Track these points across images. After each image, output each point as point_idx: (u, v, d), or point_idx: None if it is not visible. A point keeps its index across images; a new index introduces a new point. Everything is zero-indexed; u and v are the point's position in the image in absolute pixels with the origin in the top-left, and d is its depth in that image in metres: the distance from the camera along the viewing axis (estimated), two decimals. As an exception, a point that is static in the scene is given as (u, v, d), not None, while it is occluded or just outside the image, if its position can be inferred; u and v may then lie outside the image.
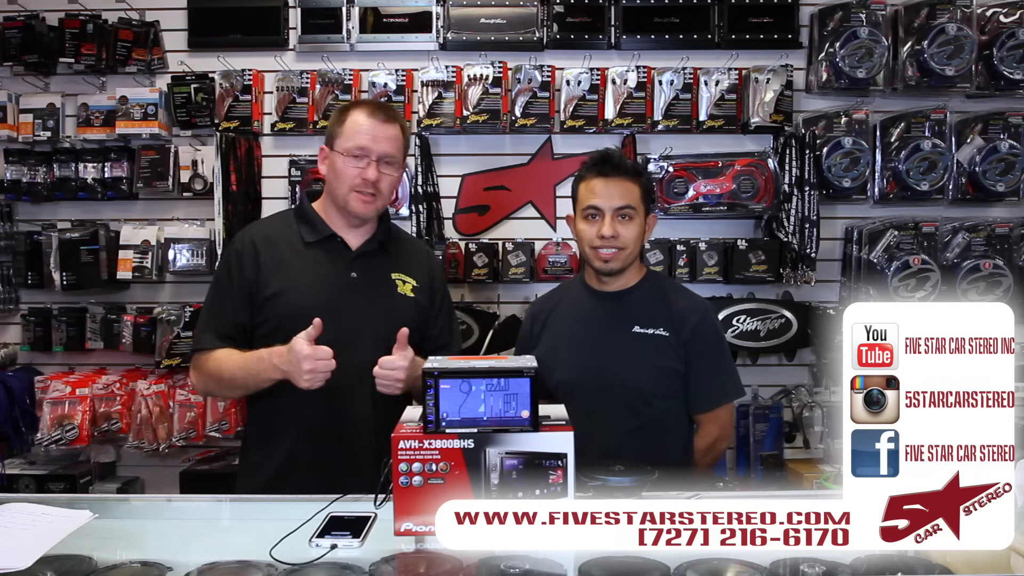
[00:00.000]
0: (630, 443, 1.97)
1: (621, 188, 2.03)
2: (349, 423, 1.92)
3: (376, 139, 1.94)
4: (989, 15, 3.13)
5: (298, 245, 2.00)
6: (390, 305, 1.99)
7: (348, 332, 1.90)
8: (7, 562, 1.27)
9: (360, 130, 1.94)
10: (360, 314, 1.95)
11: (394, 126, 1.97)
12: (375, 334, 1.93)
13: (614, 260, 2.04)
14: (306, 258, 1.99)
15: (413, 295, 2.03)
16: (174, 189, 3.23)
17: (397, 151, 1.98)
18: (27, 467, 3.14)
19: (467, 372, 1.36)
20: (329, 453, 1.91)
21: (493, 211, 3.26)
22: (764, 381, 3.18)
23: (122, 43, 3.19)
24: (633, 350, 2.04)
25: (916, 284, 3.03)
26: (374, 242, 2.03)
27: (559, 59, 3.18)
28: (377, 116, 1.95)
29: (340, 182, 1.96)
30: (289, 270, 1.96)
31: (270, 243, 2.00)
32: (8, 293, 3.27)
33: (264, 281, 1.95)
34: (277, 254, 1.98)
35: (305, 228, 2.02)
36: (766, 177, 3.08)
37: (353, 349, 1.89)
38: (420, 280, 2.06)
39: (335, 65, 3.21)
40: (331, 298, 1.94)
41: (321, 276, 1.97)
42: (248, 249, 1.98)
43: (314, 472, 1.87)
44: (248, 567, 1.28)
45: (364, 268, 2.00)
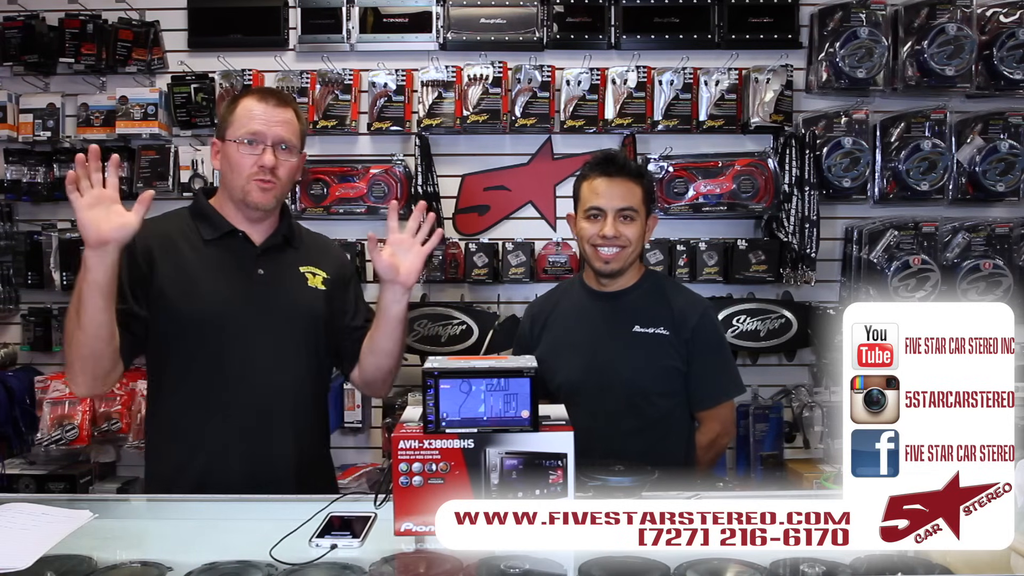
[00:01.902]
0: (633, 443, 1.97)
1: (624, 189, 2.03)
2: (265, 415, 1.82)
3: (269, 123, 1.83)
4: (989, 15, 3.13)
5: (198, 243, 1.87)
6: (301, 299, 1.91)
7: (260, 330, 1.84)
8: (7, 562, 1.27)
9: (252, 116, 1.83)
10: (271, 311, 1.86)
11: (287, 110, 1.87)
12: (289, 330, 1.86)
13: (615, 260, 2.04)
14: (208, 257, 1.87)
15: (324, 287, 1.95)
16: (174, 189, 3.23)
17: (293, 135, 1.87)
18: (27, 467, 3.14)
19: (467, 372, 1.36)
20: (244, 446, 1.81)
21: (493, 211, 3.26)
22: (764, 381, 3.18)
23: (122, 43, 3.18)
24: (634, 350, 2.04)
25: (916, 284, 3.03)
26: (278, 236, 1.93)
27: (559, 59, 3.18)
28: (268, 101, 1.85)
29: (236, 173, 1.84)
30: (191, 270, 1.84)
31: (168, 241, 1.86)
32: (8, 293, 3.26)
33: (162, 281, 1.82)
34: (177, 252, 1.85)
35: (204, 225, 1.89)
36: (766, 177, 3.08)
37: (267, 350, 1.83)
38: (330, 271, 1.97)
39: (335, 65, 3.21)
40: (240, 296, 1.85)
41: (228, 274, 1.86)
42: (140, 240, 1.74)
43: (230, 467, 1.78)
44: (248, 567, 1.28)
45: (271, 263, 1.90)
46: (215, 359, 1.81)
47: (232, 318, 1.82)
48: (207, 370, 1.82)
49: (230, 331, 1.82)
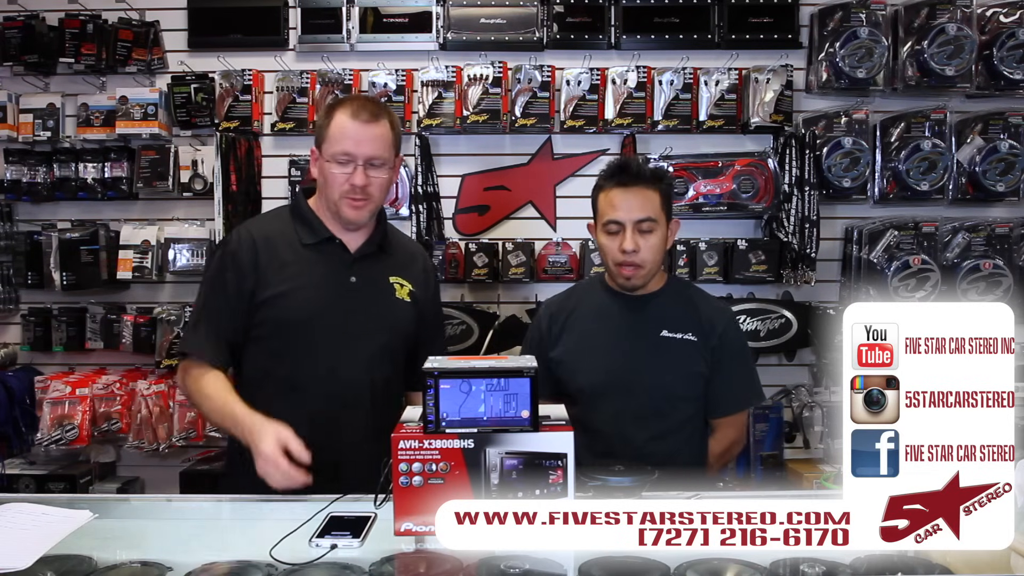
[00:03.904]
0: (656, 447, 1.96)
1: (641, 199, 1.98)
2: (348, 429, 1.88)
3: (359, 142, 1.85)
4: (989, 15, 3.13)
5: (297, 246, 1.94)
6: (388, 311, 1.96)
7: (349, 337, 1.90)
8: (7, 562, 1.27)
9: (344, 134, 1.86)
10: (360, 320, 1.92)
11: (379, 125, 1.88)
12: (374, 340, 1.92)
13: (636, 277, 2.01)
14: (305, 260, 1.93)
15: (410, 299, 2.00)
16: (174, 189, 3.23)
17: (384, 151, 1.89)
18: (27, 467, 3.14)
19: (467, 372, 1.36)
20: (325, 458, 1.81)
21: (493, 211, 3.26)
22: (764, 381, 3.09)
23: (122, 43, 3.18)
24: (663, 354, 2.02)
25: (916, 284, 3.03)
26: (372, 244, 1.99)
27: (559, 59, 3.18)
28: (360, 116, 1.86)
29: (330, 188, 1.90)
30: (289, 273, 1.91)
31: (269, 243, 1.94)
32: (8, 293, 3.27)
33: (263, 283, 1.90)
34: (277, 255, 1.92)
35: (303, 229, 1.96)
36: (766, 177, 3.08)
37: (353, 354, 1.89)
38: (417, 283, 2.03)
39: (335, 65, 3.21)
40: (331, 304, 1.90)
41: (321, 280, 1.92)
42: (247, 248, 1.92)
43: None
44: (248, 567, 1.28)
45: (363, 272, 1.96)
46: (301, 362, 1.89)
47: (321, 323, 1.88)
48: (291, 371, 1.89)
49: (318, 336, 1.88)
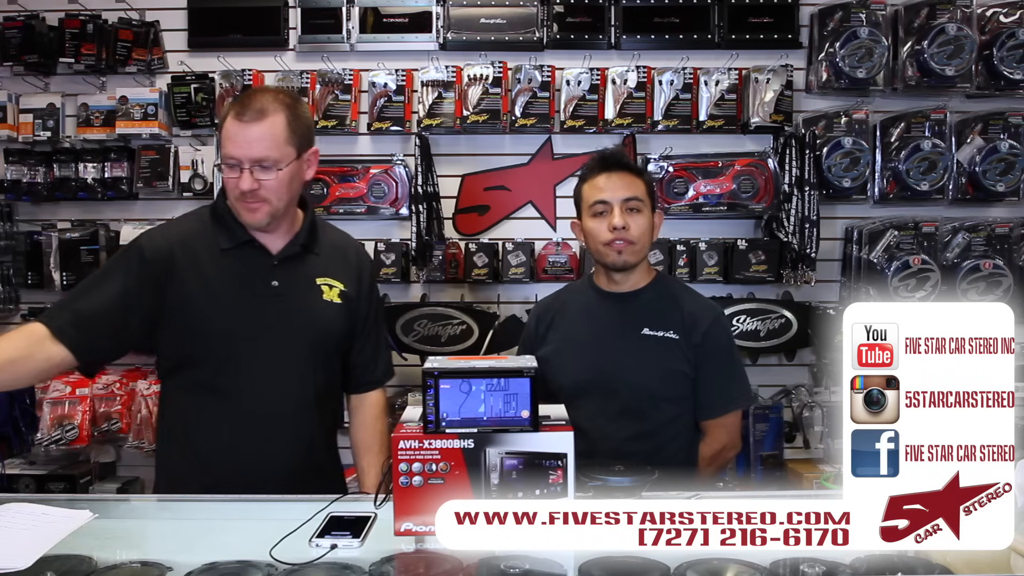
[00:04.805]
0: (636, 446, 1.95)
1: (626, 181, 2.01)
2: (279, 436, 1.81)
3: (242, 144, 1.71)
4: (989, 15, 3.13)
5: (214, 251, 1.81)
6: (315, 314, 1.85)
7: (271, 344, 1.81)
8: (7, 562, 1.27)
9: (228, 136, 1.73)
10: (284, 327, 1.82)
11: (264, 123, 1.72)
12: (300, 347, 1.83)
13: (627, 252, 2.00)
14: (224, 267, 1.81)
15: (341, 300, 1.88)
16: (174, 189, 3.23)
17: (271, 151, 1.72)
18: (27, 467, 3.14)
19: (467, 372, 1.36)
20: (259, 465, 1.80)
21: (493, 211, 3.26)
22: (764, 381, 3.18)
23: (122, 43, 3.18)
24: (641, 352, 2.01)
25: (916, 284, 3.03)
26: (296, 245, 1.85)
27: (559, 59, 3.18)
28: (243, 116, 1.72)
29: (228, 192, 1.79)
30: (206, 281, 1.79)
31: (187, 248, 1.81)
32: (8, 293, 3.26)
33: (176, 291, 1.78)
34: (194, 261, 1.80)
35: (221, 232, 1.83)
36: (766, 177, 3.08)
37: (278, 361, 1.81)
38: (349, 282, 1.91)
39: (335, 65, 3.21)
40: (251, 310, 1.80)
41: (241, 287, 1.81)
42: (163, 258, 1.78)
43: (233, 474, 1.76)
44: (248, 567, 1.28)
45: (286, 275, 1.83)
46: (224, 371, 1.80)
47: (242, 332, 1.79)
48: (217, 381, 1.81)
49: (240, 345, 1.80)
